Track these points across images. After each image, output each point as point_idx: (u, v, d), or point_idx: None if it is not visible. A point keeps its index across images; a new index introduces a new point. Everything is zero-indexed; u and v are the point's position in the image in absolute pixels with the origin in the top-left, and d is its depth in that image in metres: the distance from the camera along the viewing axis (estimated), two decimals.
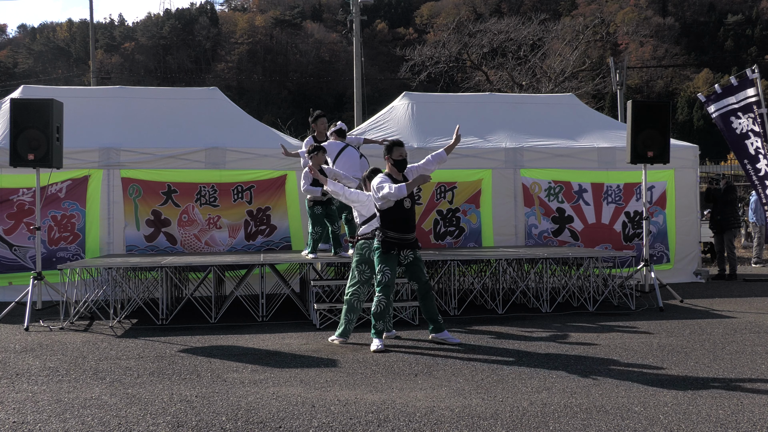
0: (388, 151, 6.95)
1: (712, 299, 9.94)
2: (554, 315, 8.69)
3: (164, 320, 8.32)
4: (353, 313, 7.02)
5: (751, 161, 10.57)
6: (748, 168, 10.61)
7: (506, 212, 11.20)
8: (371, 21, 59.08)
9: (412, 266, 6.90)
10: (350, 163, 8.64)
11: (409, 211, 6.80)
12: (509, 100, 13.23)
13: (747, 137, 10.56)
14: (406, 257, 6.85)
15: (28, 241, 10.02)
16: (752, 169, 10.56)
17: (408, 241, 6.82)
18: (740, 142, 10.63)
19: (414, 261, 6.88)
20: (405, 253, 6.83)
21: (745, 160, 10.63)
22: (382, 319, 6.82)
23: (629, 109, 9.65)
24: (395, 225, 6.74)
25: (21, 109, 8.46)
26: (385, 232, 6.76)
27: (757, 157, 10.48)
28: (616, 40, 48.50)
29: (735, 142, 10.75)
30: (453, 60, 32.56)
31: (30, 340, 7.33)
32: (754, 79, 10.52)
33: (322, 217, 8.56)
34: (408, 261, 6.87)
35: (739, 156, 10.71)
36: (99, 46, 61.59)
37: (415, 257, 6.89)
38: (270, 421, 4.51)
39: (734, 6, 73.46)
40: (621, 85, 25.17)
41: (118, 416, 4.63)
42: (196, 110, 11.28)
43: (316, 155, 8.08)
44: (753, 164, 10.55)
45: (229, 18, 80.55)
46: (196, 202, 10.48)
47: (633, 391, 5.12)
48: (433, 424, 4.41)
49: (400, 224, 6.75)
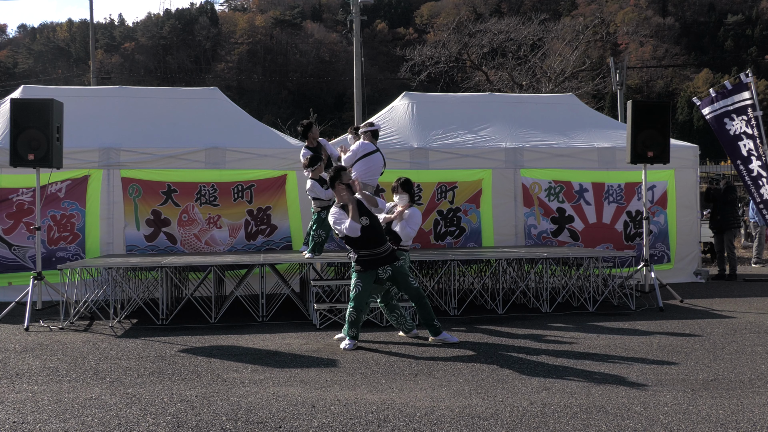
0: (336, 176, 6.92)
1: (712, 299, 9.94)
2: (554, 315, 8.69)
3: (164, 320, 8.32)
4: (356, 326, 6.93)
5: (743, 162, 10.64)
6: (741, 169, 10.69)
7: (506, 212, 11.20)
8: (371, 21, 59.10)
9: (394, 279, 6.91)
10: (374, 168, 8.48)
11: (370, 228, 6.79)
12: (509, 100, 13.23)
13: (740, 139, 10.62)
14: (384, 271, 6.86)
15: (28, 240, 10.01)
16: (745, 169, 10.64)
17: (380, 255, 6.82)
18: (734, 143, 10.70)
19: (394, 274, 6.87)
20: (382, 268, 6.84)
21: (738, 161, 10.70)
22: (355, 326, 6.86)
23: (629, 109, 9.65)
24: (363, 244, 6.80)
25: (21, 109, 8.46)
26: (359, 252, 6.82)
27: (750, 158, 10.55)
28: (616, 40, 48.49)
29: (728, 144, 10.82)
30: (453, 60, 32.56)
31: (30, 340, 7.33)
32: (749, 83, 10.57)
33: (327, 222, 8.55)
34: (387, 275, 6.87)
35: (733, 157, 10.78)
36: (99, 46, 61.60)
37: (393, 270, 6.86)
38: (270, 421, 4.51)
39: (734, 6, 73.45)
40: (621, 85, 25.19)
41: (118, 416, 4.63)
42: (196, 110, 11.28)
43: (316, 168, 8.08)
44: (746, 165, 10.62)
45: (229, 18, 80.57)
46: (196, 202, 10.48)
47: (633, 391, 5.12)
48: (433, 424, 4.41)
49: (367, 242, 6.80)
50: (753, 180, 10.56)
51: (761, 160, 10.39)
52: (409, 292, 6.95)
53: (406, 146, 11.08)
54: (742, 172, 10.67)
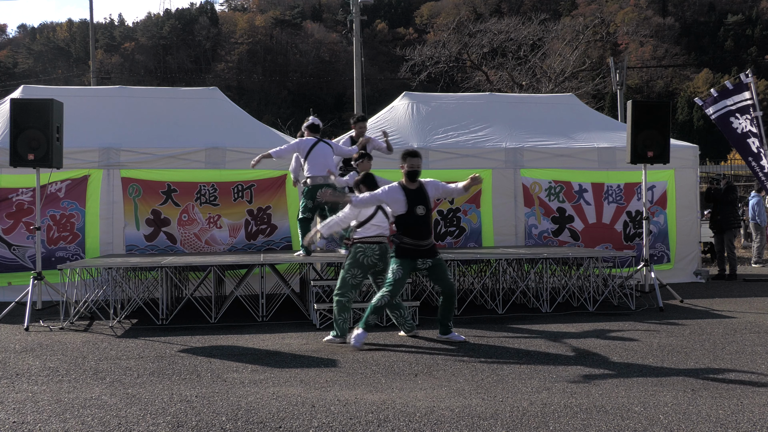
0: (402, 159, 6.96)
1: (712, 299, 9.94)
2: (554, 315, 8.69)
3: (164, 320, 8.32)
4: (346, 312, 7.01)
5: (755, 158, 10.65)
6: (753, 165, 10.68)
7: (506, 212, 11.20)
8: (371, 21, 59.10)
9: (431, 271, 6.94)
10: (323, 160, 8.61)
11: (421, 218, 6.79)
12: (509, 100, 13.23)
13: (748, 136, 10.62)
14: (423, 263, 6.88)
15: (27, 240, 10.01)
16: (757, 165, 10.64)
17: (423, 248, 6.82)
18: (743, 140, 10.69)
19: (433, 266, 6.90)
20: (422, 260, 6.86)
21: (750, 158, 10.70)
22: (378, 314, 6.84)
23: (629, 109, 9.65)
24: (409, 232, 6.78)
25: (21, 109, 8.46)
26: (401, 238, 6.81)
27: (760, 155, 10.55)
28: (616, 40, 48.47)
29: (737, 141, 10.82)
30: (453, 60, 32.58)
31: (30, 340, 7.33)
32: (749, 83, 10.58)
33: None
34: (426, 266, 6.90)
35: (744, 154, 10.77)
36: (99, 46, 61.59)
37: (434, 262, 6.89)
38: (270, 421, 4.51)
39: (734, 6, 73.46)
40: (621, 85, 25.18)
41: (118, 416, 4.63)
42: (196, 110, 11.28)
43: (362, 162, 8.15)
44: (758, 161, 10.63)
45: (229, 18, 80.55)
46: (196, 201, 10.48)
47: (633, 391, 5.12)
48: (433, 424, 4.41)
49: (413, 231, 6.78)
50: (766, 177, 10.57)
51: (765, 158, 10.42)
52: (443, 284, 6.93)
53: (406, 146, 11.04)
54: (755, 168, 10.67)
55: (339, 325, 6.99)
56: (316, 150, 8.64)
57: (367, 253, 6.94)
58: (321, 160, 8.59)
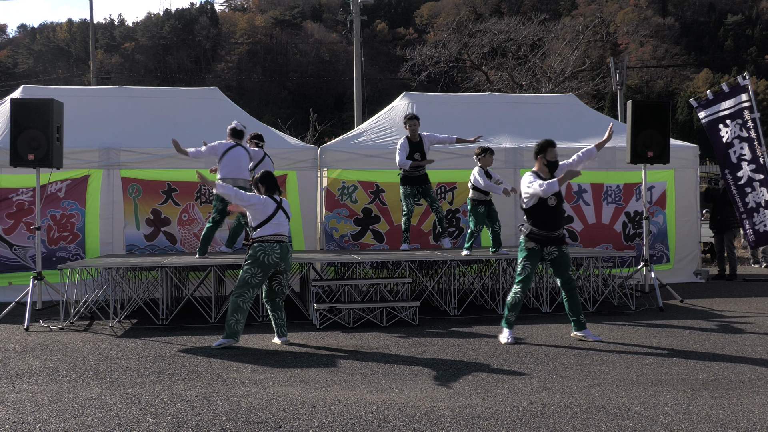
0: (541, 150, 7.04)
1: (712, 299, 9.94)
2: (554, 315, 8.69)
3: (164, 320, 8.32)
4: (240, 313, 6.77)
5: (732, 170, 10.75)
6: (728, 177, 10.80)
7: (506, 212, 11.17)
8: (371, 21, 59.08)
9: (555, 262, 7.05)
10: (236, 163, 8.67)
11: (554, 209, 6.95)
12: (509, 100, 13.23)
13: (731, 146, 10.69)
14: (549, 253, 7.00)
15: (28, 240, 10.01)
16: (732, 178, 10.76)
17: (551, 237, 6.96)
18: (724, 151, 10.77)
19: (558, 257, 7.02)
20: (549, 249, 6.98)
21: (726, 170, 10.81)
22: (515, 311, 7.01)
23: (629, 109, 9.65)
24: (540, 222, 6.92)
25: (21, 109, 8.46)
26: (531, 229, 6.95)
27: (739, 165, 10.63)
28: (616, 40, 48.50)
29: (720, 150, 10.90)
30: (453, 60, 32.58)
31: (30, 340, 7.33)
32: (746, 86, 10.58)
33: (483, 217, 8.88)
34: (552, 257, 7.02)
35: (723, 166, 10.87)
36: (99, 46, 61.58)
37: (559, 253, 7.01)
38: (270, 421, 4.51)
39: (734, 6, 73.43)
40: (621, 85, 25.18)
41: (118, 416, 4.63)
42: (196, 110, 11.28)
43: (484, 156, 8.42)
44: (733, 173, 10.72)
45: (229, 18, 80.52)
46: (196, 201, 10.48)
47: (633, 391, 5.12)
48: (433, 424, 4.41)
49: (545, 221, 6.93)
50: (739, 189, 10.66)
51: (756, 162, 10.42)
52: (563, 278, 7.05)
53: None
54: (729, 181, 10.79)
55: (230, 325, 6.75)
56: (230, 153, 8.70)
57: (267, 252, 6.71)
58: (235, 163, 8.67)
